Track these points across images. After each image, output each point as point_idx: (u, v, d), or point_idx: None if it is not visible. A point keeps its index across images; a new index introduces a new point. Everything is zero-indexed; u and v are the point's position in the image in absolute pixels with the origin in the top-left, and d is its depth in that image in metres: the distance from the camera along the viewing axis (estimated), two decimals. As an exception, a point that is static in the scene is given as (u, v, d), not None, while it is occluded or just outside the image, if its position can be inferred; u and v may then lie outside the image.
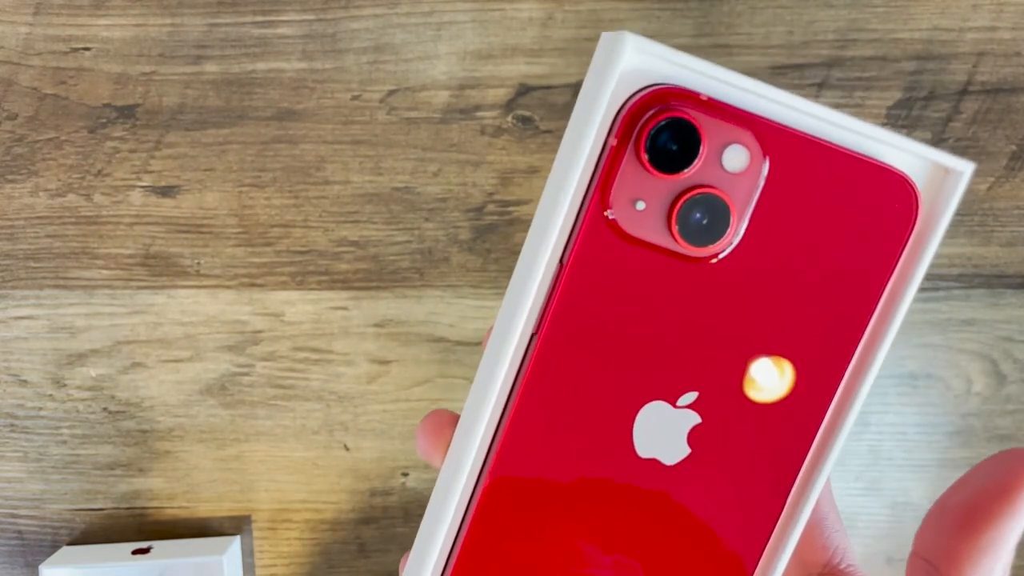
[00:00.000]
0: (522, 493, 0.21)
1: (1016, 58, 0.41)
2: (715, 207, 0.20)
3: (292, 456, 0.44)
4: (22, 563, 0.45)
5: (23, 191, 0.42)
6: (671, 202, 0.19)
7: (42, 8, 0.40)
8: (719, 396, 0.21)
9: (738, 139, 0.19)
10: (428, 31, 0.41)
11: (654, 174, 0.19)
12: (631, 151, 0.19)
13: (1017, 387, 0.44)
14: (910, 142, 0.20)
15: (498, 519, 0.22)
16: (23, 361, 0.43)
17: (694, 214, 0.20)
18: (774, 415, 0.21)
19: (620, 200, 0.19)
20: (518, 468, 0.21)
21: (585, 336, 0.20)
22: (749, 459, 0.22)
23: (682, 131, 0.19)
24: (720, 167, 0.19)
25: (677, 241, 0.20)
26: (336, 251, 0.42)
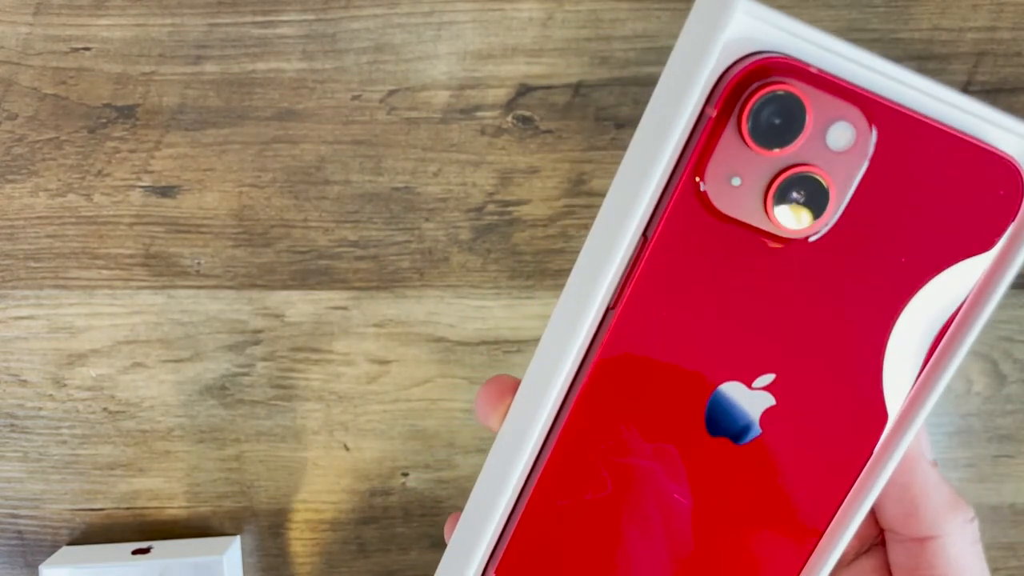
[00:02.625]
0: (588, 465, 0.21)
1: (1016, 58, 0.41)
2: (814, 187, 0.19)
3: (292, 456, 0.44)
4: (22, 563, 0.45)
5: (23, 191, 0.42)
6: (769, 180, 0.19)
7: (42, 8, 0.40)
8: (796, 380, 0.20)
9: (845, 116, 0.18)
10: (428, 31, 0.41)
11: (755, 150, 0.18)
12: (732, 124, 0.18)
13: (1017, 387, 0.44)
14: (1015, 120, 0.19)
15: (562, 489, 0.21)
16: (23, 361, 0.43)
17: (792, 194, 0.19)
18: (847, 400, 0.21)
19: (715, 175, 0.18)
20: (585, 440, 0.21)
21: (664, 312, 0.20)
22: (818, 445, 0.21)
23: (788, 106, 0.18)
24: (824, 144, 0.18)
25: (772, 222, 0.19)
26: (336, 251, 0.42)
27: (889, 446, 0.21)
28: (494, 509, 0.21)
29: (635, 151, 0.20)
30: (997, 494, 0.45)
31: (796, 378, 0.20)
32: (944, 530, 0.22)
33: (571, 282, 0.21)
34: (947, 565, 0.22)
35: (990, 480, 0.45)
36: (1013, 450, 0.45)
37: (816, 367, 0.20)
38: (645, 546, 0.22)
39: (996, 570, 0.46)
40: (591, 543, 0.22)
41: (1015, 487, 0.45)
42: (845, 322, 0.20)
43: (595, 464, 0.21)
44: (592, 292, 0.20)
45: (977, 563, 0.22)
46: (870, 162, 0.19)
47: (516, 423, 0.21)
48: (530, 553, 0.21)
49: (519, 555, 0.22)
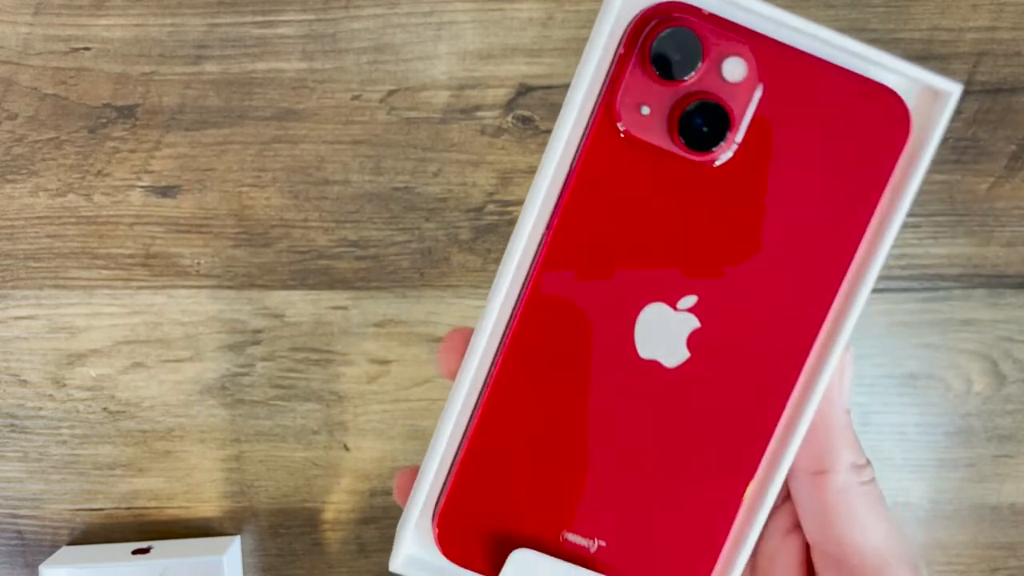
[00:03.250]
0: (529, 388, 0.22)
1: (1016, 58, 0.41)
2: (715, 114, 0.21)
3: (292, 456, 0.44)
4: (22, 563, 0.45)
5: (23, 191, 0.42)
6: (673, 107, 0.21)
7: (42, 8, 0.40)
8: (718, 302, 0.22)
9: (737, 51, 0.20)
10: (428, 31, 0.41)
11: (657, 81, 0.20)
12: (636, 59, 0.20)
13: (1017, 387, 0.44)
14: (901, 62, 0.21)
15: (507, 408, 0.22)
16: (23, 361, 0.43)
17: (695, 119, 0.21)
18: (772, 323, 0.22)
19: (626, 105, 0.20)
20: (526, 362, 0.22)
21: (590, 235, 0.21)
22: (748, 365, 0.22)
23: (684, 40, 0.20)
24: (720, 77, 0.20)
25: (678, 145, 0.21)
26: (336, 251, 0.42)
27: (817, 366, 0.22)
28: (438, 445, 0.22)
29: (568, 94, 0.22)
30: (997, 494, 0.45)
31: (718, 301, 0.22)
32: (832, 466, 0.23)
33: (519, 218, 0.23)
34: (831, 499, 0.23)
35: (990, 480, 0.45)
36: (1013, 450, 0.45)
37: (736, 290, 0.22)
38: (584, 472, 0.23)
39: (996, 570, 0.46)
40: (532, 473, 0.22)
41: (1015, 487, 0.45)
42: (759, 243, 0.22)
43: (532, 398, 0.22)
44: (524, 222, 0.21)
45: (863, 503, 0.23)
46: (764, 93, 0.21)
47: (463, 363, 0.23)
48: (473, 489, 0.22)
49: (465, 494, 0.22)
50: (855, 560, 0.23)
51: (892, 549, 0.23)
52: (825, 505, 0.23)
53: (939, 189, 0.43)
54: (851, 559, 0.23)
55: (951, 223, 0.43)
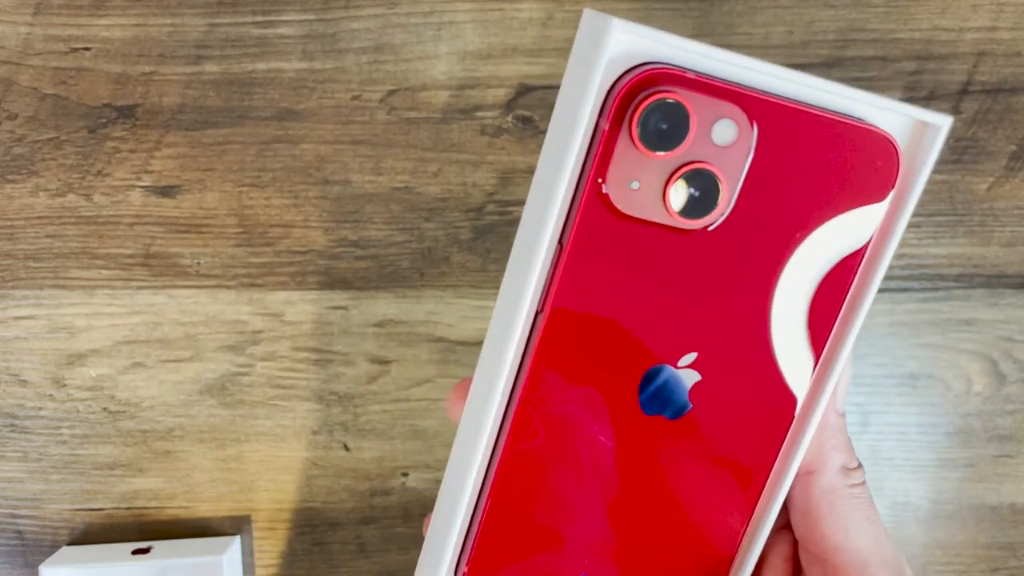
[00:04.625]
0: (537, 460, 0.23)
1: (1016, 58, 0.41)
2: (707, 181, 0.20)
3: (292, 456, 0.44)
4: (22, 563, 0.45)
5: (23, 191, 0.42)
6: (664, 180, 0.20)
7: (42, 8, 0.40)
8: (717, 355, 0.22)
9: (726, 114, 0.20)
10: (428, 31, 0.41)
11: (647, 154, 0.20)
12: (624, 133, 0.20)
13: (1017, 387, 0.44)
14: (889, 101, 0.21)
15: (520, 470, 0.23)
16: (23, 361, 0.43)
17: (687, 189, 0.20)
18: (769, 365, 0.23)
19: (615, 181, 0.20)
20: (534, 431, 0.22)
21: (587, 310, 0.21)
22: (748, 406, 0.23)
23: (672, 111, 0.20)
24: (710, 142, 0.20)
25: (672, 216, 0.21)
26: (336, 251, 0.42)
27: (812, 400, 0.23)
28: (459, 501, 0.23)
29: (543, 166, 0.22)
30: (997, 494, 0.45)
31: (716, 354, 0.22)
32: (821, 467, 0.24)
33: (501, 293, 0.23)
34: (816, 498, 0.24)
35: (990, 480, 0.45)
36: (1013, 450, 0.45)
37: (731, 342, 0.22)
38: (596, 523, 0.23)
39: (996, 570, 0.46)
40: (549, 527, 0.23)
41: (1015, 487, 0.45)
42: (747, 297, 0.22)
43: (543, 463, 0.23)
44: (519, 301, 0.21)
45: (848, 505, 0.24)
46: (755, 152, 0.20)
47: (467, 422, 0.23)
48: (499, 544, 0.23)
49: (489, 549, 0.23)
50: (837, 559, 0.24)
51: (875, 553, 0.23)
52: (811, 504, 0.24)
53: (939, 189, 0.43)
54: (832, 558, 0.24)
55: (951, 223, 0.43)
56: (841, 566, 0.23)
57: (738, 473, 0.24)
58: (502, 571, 0.23)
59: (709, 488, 0.24)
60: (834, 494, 0.24)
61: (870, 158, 0.21)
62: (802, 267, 0.22)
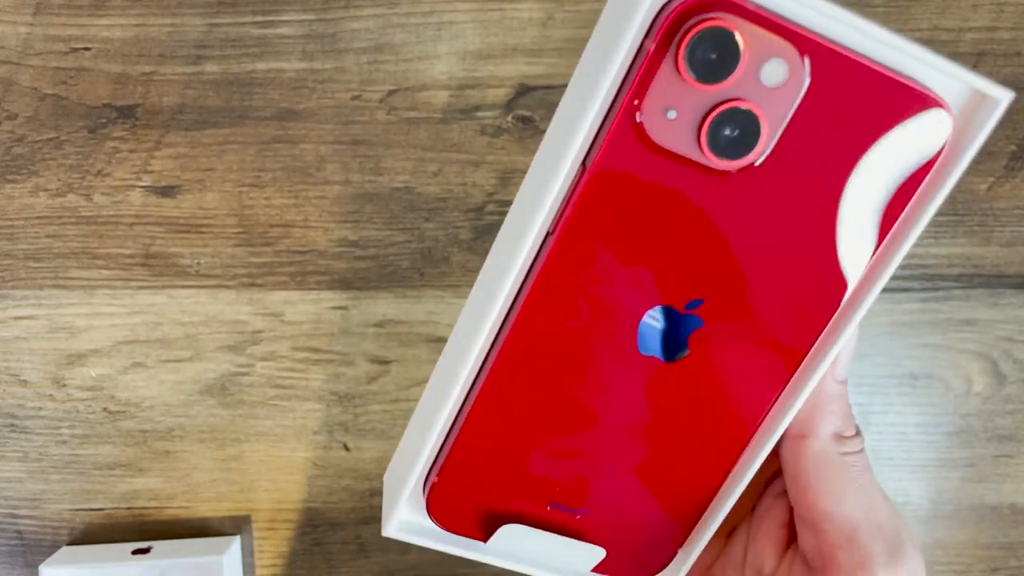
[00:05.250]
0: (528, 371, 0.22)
1: (1016, 58, 0.41)
2: (747, 122, 0.19)
3: (292, 456, 0.44)
4: (22, 563, 0.45)
5: (23, 191, 0.42)
6: (704, 114, 0.19)
7: (42, 8, 0.40)
8: (724, 304, 0.21)
9: (780, 53, 0.19)
10: (428, 31, 0.41)
11: (690, 84, 0.19)
12: (669, 58, 0.18)
13: (1017, 387, 0.44)
14: (951, 65, 0.20)
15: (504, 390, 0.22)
16: (23, 361, 0.43)
17: (725, 128, 0.19)
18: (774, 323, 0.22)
19: (652, 107, 0.19)
20: (526, 352, 0.22)
21: (599, 238, 0.20)
22: (747, 360, 0.22)
23: (724, 41, 0.18)
24: (758, 80, 0.19)
25: (704, 154, 0.19)
26: (336, 251, 0.42)
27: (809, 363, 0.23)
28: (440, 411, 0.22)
29: (575, 85, 0.21)
30: (997, 494, 0.45)
31: (724, 302, 0.21)
32: (812, 432, 0.23)
33: (513, 210, 0.22)
34: (805, 464, 0.23)
35: (990, 480, 0.45)
36: (1013, 450, 0.45)
37: (742, 291, 0.21)
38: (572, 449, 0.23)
39: (996, 570, 0.46)
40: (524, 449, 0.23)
41: (1015, 487, 0.45)
42: (775, 243, 0.21)
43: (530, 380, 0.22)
44: (532, 217, 0.20)
45: (839, 473, 0.23)
46: (802, 99, 0.19)
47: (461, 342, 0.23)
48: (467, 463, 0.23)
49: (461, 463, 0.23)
50: (825, 526, 0.23)
51: (866, 520, 0.23)
52: (800, 469, 0.23)
53: (939, 189, 0.43)
54: (821, 525, 0.23)
55: (951, 223, 0.43)
56: (830, 533, 0.23)
57: (726, 426, 0.23)
58: (471, 487, 0.23)
59: (692, 437, 0.23)
60: (824, 460, 0.23)
61: (919, 122, 0.20)
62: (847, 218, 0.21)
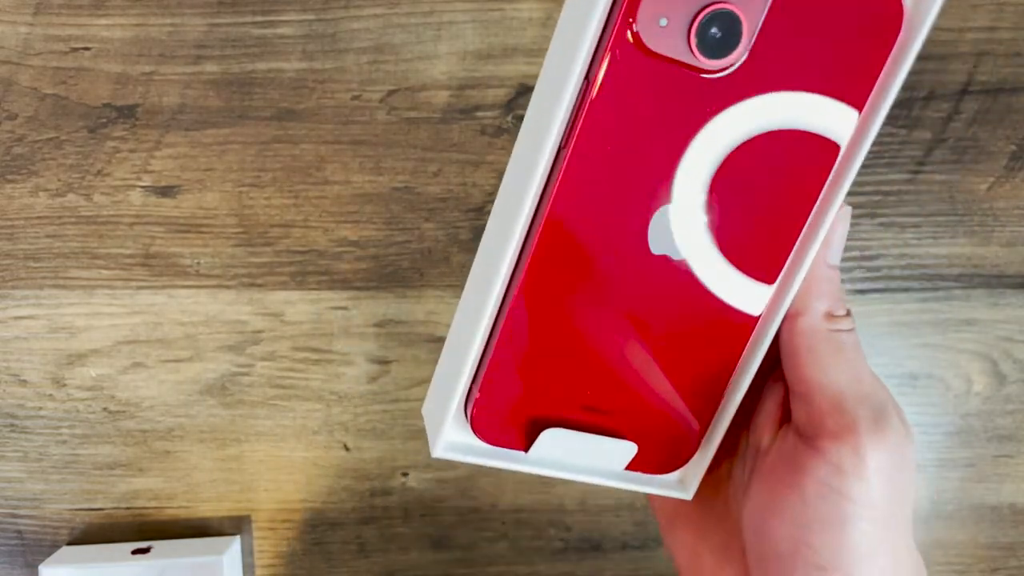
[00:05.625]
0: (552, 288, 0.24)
1: (1016, 58, 0.41)
2: (729, 21, 0.22)
3: (292, 456, 0.44)
4: (22, 563, 0.45)
5: (23, 191, 0.42)
6: (691, 17, 0.21)
7: (42, 8, 0.40)
8: (723, 196, 0.23)
9: None
10: (428, 31, 0.41)
11: None
12: None
13: (1017, 387, 0.44)
14: None
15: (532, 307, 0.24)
16: (23, 361, 0.43)
17: (711, 29, 0.21)
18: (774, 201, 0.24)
19: (646, 16, 0.21)
20: (551, 264, 0.23)
21: (609, 146, 0.22)
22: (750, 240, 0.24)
23: None
24: None
25: (695, 55, 0.22)
26: (336, 251, 0.42)
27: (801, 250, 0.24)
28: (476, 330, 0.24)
29: (569, 9, 0.23)
30: (997, 494, 0.45)
31: (724, 195, 0.23)
32: (804, 310, 0.25)
33: (521, 134, 0.24)
34: (796, 339, 0.25)
35: (990, 480, 0.45)
36: (1013, 450, 0.45)
37: (742, 178, 0.23)
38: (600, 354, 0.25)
39: (996, 570, 0.46)
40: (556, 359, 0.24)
41: (1015, 487, 0.45)
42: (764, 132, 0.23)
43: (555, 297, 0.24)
44: (544, 137, 0.22)
45: (828, 347, 0.24)
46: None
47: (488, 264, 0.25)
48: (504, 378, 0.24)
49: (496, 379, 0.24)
50: (815, 397, 0.24)
51: (852, 389, 0.24)
52: (792, 345, 0.25)
53: (939, 189, 0.43)
54: (811, 395, 0.24)
55: (951, 223, 0.43)
56: (819, 401, 0.24)
57: (734, 314, 0.25)
58: (510, 399, 0.24)
59: (705, 329, 0.25)
60: (814, 336, 0.24)
61: (876, 10, 0.22)
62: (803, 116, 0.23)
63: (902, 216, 0.43)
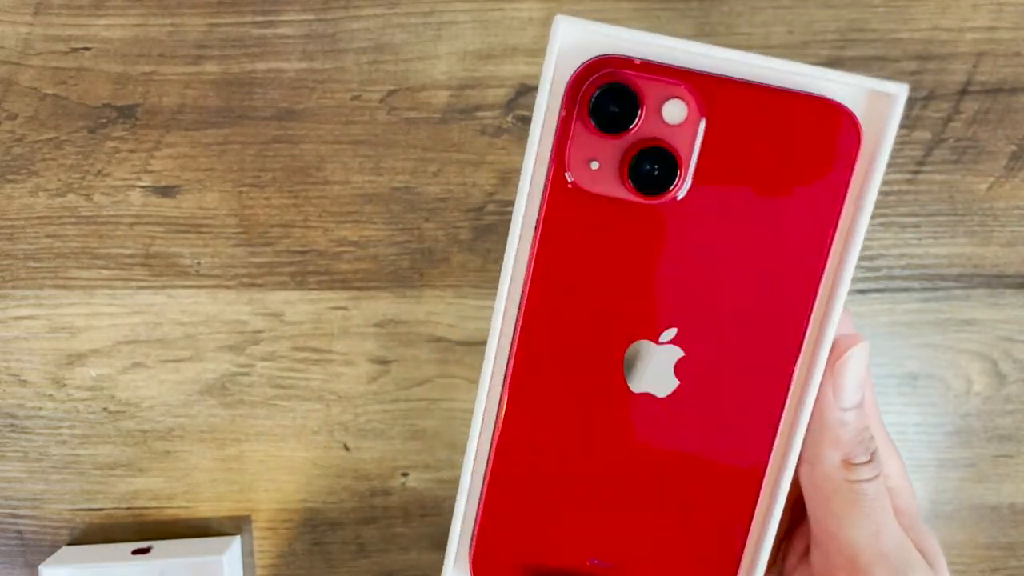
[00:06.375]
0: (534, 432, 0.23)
1: (1016, 58, 0.41)
2: (663, 158, 0.21)
3: (292, 456, 0.44)
4: (22, 563, 0.45)
5: (23, 191, 0.42)
6: (621, 159, 0.21)
7: (42, 8, 0.40)
8: (699, 329, 0.23)
9: (673, 93, 0.21)
10: (428, 31, 0.41)
11: (602, 136, 0.21)
12: (578, 118, 0.21)
13: (1017, 387, 0.44)
14: (841, 74, 0.22)
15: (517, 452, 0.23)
16: (23, 361, 0.43)
17: (644, 166, 0.21)
18: (754, 339, 0.23)
19: (576, 163, 0.21)
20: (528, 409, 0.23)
21: (565, 292, 0.22)
22: (737, 381, 0.23)
23: (620, 93, 0.21)
24: (662, 121, 0.21)
25: (632, 193, 0.22)
26: (336, 251, 0.42)
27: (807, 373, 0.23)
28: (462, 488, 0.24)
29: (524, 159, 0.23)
30: (997, 494, 0.45)
31: (698, 329, 0.23)
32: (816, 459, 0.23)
33: None
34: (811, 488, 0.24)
35: (990, 480, 0.45)
36: (1013, 450, 0.45)
37: (714, 315, 0.23)
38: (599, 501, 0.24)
39: (996, 570, 0.46)
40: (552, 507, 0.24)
41: (1015, 487, 0.45)
42: (730, 269, 0.23)
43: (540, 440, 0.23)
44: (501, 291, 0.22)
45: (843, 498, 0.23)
46: (707, 128, 0.21)
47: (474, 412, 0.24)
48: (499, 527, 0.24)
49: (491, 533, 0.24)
50: (830, 546, 0.24)
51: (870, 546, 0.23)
52: (807, 492, 0.24)
53: (939, 189, 0.43)
54: (826, 544, 0.24)
55: (951, 223, 0.43)
56: (833, 554, 0.23)
57: (741, 451, 0.23)
58: (510, 549, 0.24)
59: (711, 467, 0.24)
60: (829, 486, 0.23)
61: (829, 131, 0.22)
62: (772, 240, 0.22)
63: (902, 216, 0.43)
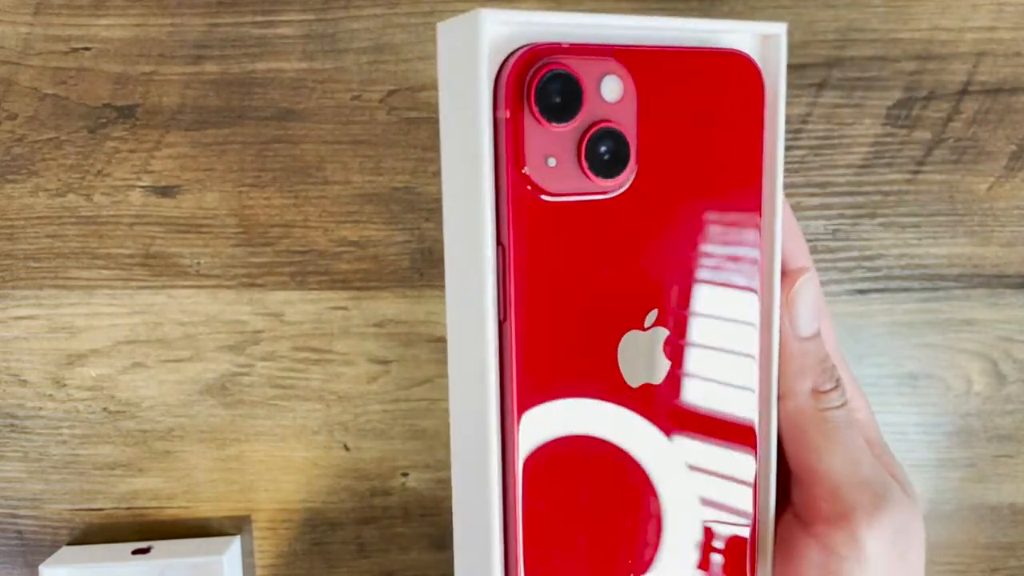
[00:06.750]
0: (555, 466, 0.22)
1: (1016, 58, 0.41)
2: (614, 138, 0.21)
3: (292, 456, 0.44)
4: (22, 563, 0.45)
5: (23, 191, 0.42)
6: (576, 147, 0.21)
7: (42, 8, 0.40)
8: (673, 301, 0.23)
9: (608, 70, 0.21)
10: (428, 31, 0.41)
11: (553, 127, 0.20)
12: (527, 114, 0.20)
13: (1017, 387, 0.44)
14: (733, 23, 0.23)
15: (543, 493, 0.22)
16: (23, 361, 0.43)
17: (598, 149, 0.21)
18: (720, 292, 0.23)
19: (534, 163, 0.20)
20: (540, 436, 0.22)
21: (549, 299, 0.21)
22: (719, 344, 0.23)
23: (563, 80, 0.20)
24: (603, 100, 0.21)
25: (593, 180, 0.21)
26: (336, 251, 0.42)
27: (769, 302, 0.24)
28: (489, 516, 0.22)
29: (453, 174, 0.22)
30: (997, 494, 0.45)
31: (673, 300, 0.23)
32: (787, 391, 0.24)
33: (453, 306, 0.22)
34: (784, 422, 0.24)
35: (990, 480, 0.45)
36: (1013, 450, 0.45)
37: (683, 282, 0.23)
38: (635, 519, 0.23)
39: (996, 570, 0.46)
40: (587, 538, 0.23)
41: (1015, 487, 0.45)
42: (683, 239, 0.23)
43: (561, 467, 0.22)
44: (482, 315, 0.21)
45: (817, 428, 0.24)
46: (639, 98, 0.21)
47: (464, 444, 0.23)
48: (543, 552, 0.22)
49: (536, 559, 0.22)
50: (810, 481, 0.24)
51: (850, 474, 0.23)
52: (783, 429, 0.24)
53: (939, 189, 0.43)
54: (806, 479, 0.24)
55: (951, 223, 0.43)
56: (814, 486, 0.23)
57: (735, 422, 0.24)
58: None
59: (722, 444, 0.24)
60: (802, 418, 0.24)
61: (737, 78, 0.22)
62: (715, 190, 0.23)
63: (902, 216, 0.43)
